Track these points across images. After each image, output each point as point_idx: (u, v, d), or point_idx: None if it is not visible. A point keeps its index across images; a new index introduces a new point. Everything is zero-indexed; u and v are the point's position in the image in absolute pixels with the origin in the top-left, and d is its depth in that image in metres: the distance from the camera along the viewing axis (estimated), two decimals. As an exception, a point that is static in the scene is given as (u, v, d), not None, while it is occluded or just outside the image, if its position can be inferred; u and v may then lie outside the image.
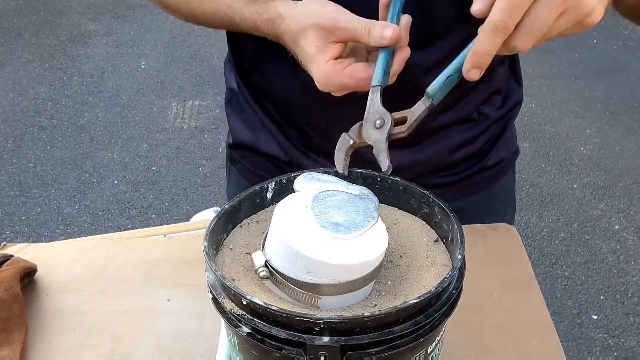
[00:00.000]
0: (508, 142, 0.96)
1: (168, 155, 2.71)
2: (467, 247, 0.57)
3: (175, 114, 2.98)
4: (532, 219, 2.37)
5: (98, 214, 2.42)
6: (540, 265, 2.17)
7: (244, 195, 0.65)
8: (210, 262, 0.55)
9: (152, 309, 0.79)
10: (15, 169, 2.64)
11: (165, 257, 0.86)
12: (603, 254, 2.22)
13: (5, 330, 0.72)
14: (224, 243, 0.63)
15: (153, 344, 0.74)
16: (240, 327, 0.53)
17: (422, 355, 0.55)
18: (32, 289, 0.82)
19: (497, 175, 0.95)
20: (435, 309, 0.52)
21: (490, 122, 0.91)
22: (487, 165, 0.93)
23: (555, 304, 2.03)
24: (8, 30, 3.68)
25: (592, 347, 1.90)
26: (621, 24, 3.56)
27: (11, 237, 2.30)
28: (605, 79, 3.10)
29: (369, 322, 0.49)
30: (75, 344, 0.74)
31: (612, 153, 2.66)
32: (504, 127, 0.94)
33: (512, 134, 0.98)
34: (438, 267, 0.59)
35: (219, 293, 0.55)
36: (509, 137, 0.96)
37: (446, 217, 0.62)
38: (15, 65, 3.36)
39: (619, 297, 2.05)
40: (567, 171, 2.59)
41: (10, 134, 2.84)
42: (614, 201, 2.44)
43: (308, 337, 0.50)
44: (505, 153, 0.95)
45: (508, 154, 0.96)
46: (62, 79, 3.23)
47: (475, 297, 0.76)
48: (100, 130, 2.87)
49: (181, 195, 2.50)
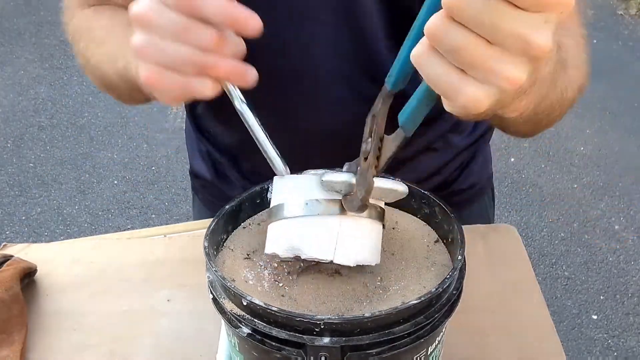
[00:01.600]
0: (480, 167, 0.92)
1: (168, 155, 2.71)
2: (467, 248, 0.57)
3: (175, 113, 2.97)
4: (532, 219, 2.37)
5: (98, 214, 2.42)
6: (540, 265, 2.17)
7: (244, 196, 0.65)
8: (210, 262, 0.55)
9: (152, 309, 0.79)
10: (15, 169, 2.64)
11: (165, 258, 0.86)
12: (603, 254, 2.22)
13: (5, 331, 0.72)
14: (225, 244, 0.63)
15: (153, 345, 0.74)
16: (241, 328, 0.53)
17: (422, 356, 0.55)
18: (32, 289, 0.81)
19: (470, 199, 0.92)
20: (435, 309, 0.52)
21: (457, 150, 0.87)
22: (458, 189, 0.90)
23: (555, 304, 2.03)
24: (8, 30, 3.68)
25: (592, 347, 1.90)
26: (621, 24, 3.56)
27: (11, 237, 2.30)
28: (605, 79, 3.10)
29: (370, 323, 0.49)
30: (75, 344, 0.74)
31: (612, 153, 2.66)
32: (473, 154, 0.90)
33: (487, 159, 0.94)
34: (439, 268, 0.59)
35: (219, 293, 0.55)
36: (482, 162, 0.92)
37: (446, 218, 0.62)
38: (15, 65, 3.35)
39: (619, 297, 2.05)
40: (567, 171, 2.59)
41: (10, 134, 2.83)
42: (613, 201, 2.44)
43: (308, 337, 0.50)
44: (477, 178, 0.92)
45: (480, 179, 0.93)
46: (62, 79, 3.22)
47: (476, 297, 0.76)
48: (100, 130, 2.87)
49: (181, 195, 2.50)
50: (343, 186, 0.54)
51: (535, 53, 0.38)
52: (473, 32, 0.39)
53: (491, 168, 0.97)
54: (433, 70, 0.41)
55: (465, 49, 0.39)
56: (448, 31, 0.39)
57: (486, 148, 0.94)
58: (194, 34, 0.48)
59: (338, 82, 0.76)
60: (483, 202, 0.96)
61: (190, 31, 0.48)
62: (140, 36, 0.50)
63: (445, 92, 0.42)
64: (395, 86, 0.50)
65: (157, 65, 0.50)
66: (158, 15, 0.49)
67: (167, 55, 0.49)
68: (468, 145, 0.88)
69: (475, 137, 0.89)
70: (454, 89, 0.41)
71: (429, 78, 0.42)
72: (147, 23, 0.49)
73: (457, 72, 0.41)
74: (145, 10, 0.49)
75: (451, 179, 0.89)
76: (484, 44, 0.39)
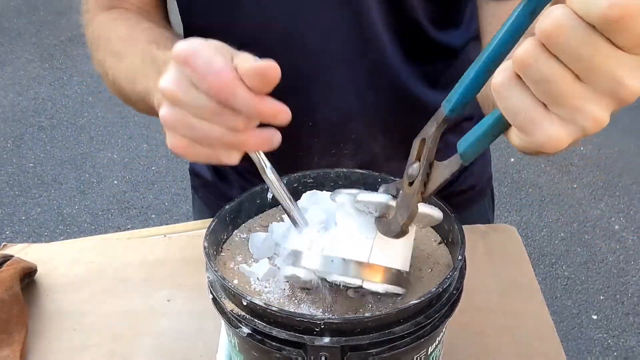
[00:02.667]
0: (480, 169, 0.93)
1: (168, 155, 2.71)
2: (468, 248, 0.57)
3: (175, 114, 2.98)
4: (532, 219, 2.37)
5: (98, 214, 2.42)
6: (540, 265, 2.17)
7: (244, 196, 0.65)
8: (210, 262, 0.55)
9: (152, 309, 0.79)
10: (15, 169, 2.64)
11: (165, 258, 0.86)
12: (603, 254, 2.22)
13: (6, 331, 0.72)
14: (225, 244, 0.63)
15: (153, 345, 0.74)
16: (241, 328, 0.53)
17: (422, 356, 0.55)
18: (32, 289, 0.81)
19: (468, 201, 0.93)
20: (435, 309, 0.52)
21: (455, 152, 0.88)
22: (458, 190, 0.90)
23: (555, 304, 2.03)
24: (8, 30, 3.68)
25: (592, 347, 1.90)
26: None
27: (11, 237, 2.30)
28: (605, 79, 3.10)
29: (370, 323, 0.49)
30: (75, 344, 0.74)
31: (612, 153, 2.66)
32: None
33: (486, 161, 0.94)
34: (440, 268, 0.59)
35: (219, 293, 0.55)
36: (482, 164, 0.93)
37: (447, 218, 0.62)
38: (15, 65, 3.35)
39: (619, 297, 2.05)
40: (566, 171, 2.59)
41: (10, 134, 2.84)
42: (613, 201, 2.44)
43: (308, 337, 0.50)
44: (476, 180, 0.92)
45: (480, 181, 0.93)
46: (62, 79, 3.22)
47: (476, 297, 0.76)
48: (100, 130, 2.87)
49: (181, 195, 2.50)
50: (379, 207, 0.52)
51: (625, 96, 0.36)
52: (566, 66, 0.36)
53: (491, 169, 0.97)
54: (514, 101, 0.38)
55: (555, 82, 0.36)
56: (539, 60, 0.36)
57: (486, 151, 0.95)
58: (224, 119, 0.49)
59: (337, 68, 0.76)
60: (483, 204, 0.97)
61: (220, 116, 0.49)
62: (168, 109, 0.50)
63: (523, 126, 0.39)
64: (453, 112, 0.46)
65: (185, 138, 0.51)
66: (186, 94, 0.49)
67: (196, 132, 0.50)
68: None
69: None
70: (534, 124, 0.38)
71: (507, 109, 0.39)
72: (176, 100, 0.49)
73: (541, 106, 0.38)
74: (173, 87, 0.49)
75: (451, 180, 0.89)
76: (575, 79, 0.36)
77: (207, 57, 0.47)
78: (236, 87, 0.47)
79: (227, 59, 0.48)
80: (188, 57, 0.47)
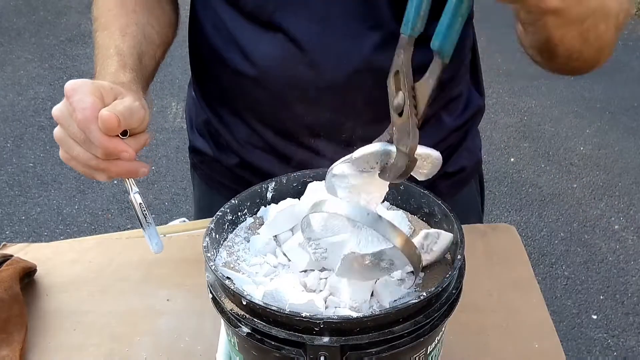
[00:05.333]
0: (470, 152, 0.95)
1: (168, 155, 2.71)
2: (467, 247, 0.57)
3: (175, 113, 2.97)
4: (532, 218, 2.37)
5: (98, 214, 2.42)
6: (540, 265, 2.17)
7: (243, 195, 0.65)
8: (210, 262, 0.55)
9: (152, 308, 0.79)
10: (15, 169, 2.64)
11: (165, 257, 0.85)
12: (603, 253, 2.22)
13: (5, 330, 0.72)
14: (224, 243, 0.63)
15: (153, 344, 0.74)
16: (240, 327, 0.53)
17: (422, 355, 0.55)
18: (32, 289, 0.81)
19: (458, 184, 0.95)
20: (435, 309, 0.52)
21: (448, 131, 0.89)
22: (448, 172, 0.92)
23: (555, 304, 2.03)
24: (8, 30, 3.68)
25: (592, 347, 1.90)
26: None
27: (11, 237, 2.30)
28: (604, 79, 3.10)
29: (369, 322, 0.49)
30: (75, 343, 0.74)
31: (611, 153, 2.66)
32: (464, 136, 0.92)
33: (476, 144, 0.97)
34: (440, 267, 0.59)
35: (218, 293, 0.55)
36: (472, 147, 0.95)
37: (446, 217, 0.62)
38: (15, 65, 3.36)
39: (619, 297, 2.05)
40: (566, 171, 2.59)
41: (10, 134, 2.84)
42: (613, 201, 2.44)
43: (308, 337, 0.50)
44: (466, 162, 0.94)
45: (470, 163, 0.95)
46: (62, 79, 3.22)
47: (475, 297, 0.76)
48: (100, 130, 2.87)
49: (181, 195, 2.50)
50: (379, 156, 0.50)
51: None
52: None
53: (480, 154, 0.99)
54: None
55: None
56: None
57: (476, 132, 0.96)
58: (88, 147, 0.64)
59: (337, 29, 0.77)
60: (471, 187, 0.99)
61: (85, 144, 0.64)
62: (57, 129, 0.65)
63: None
64: (414, 30, 0.46)
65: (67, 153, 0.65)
66: (65, 121, 0.64)
67: (72, 152, 0.65)
68: (459, 126, 0.90)
69: (465, 119, 0.91)
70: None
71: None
72: (60, 124, 0.64)
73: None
74: (58, 114, 0.64)
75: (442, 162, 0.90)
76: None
77: (81, 96, 0.62)
78: (90, 124, 0.61)
79: (95, 101, 0.62)
80: (68, 92, 0.62)
